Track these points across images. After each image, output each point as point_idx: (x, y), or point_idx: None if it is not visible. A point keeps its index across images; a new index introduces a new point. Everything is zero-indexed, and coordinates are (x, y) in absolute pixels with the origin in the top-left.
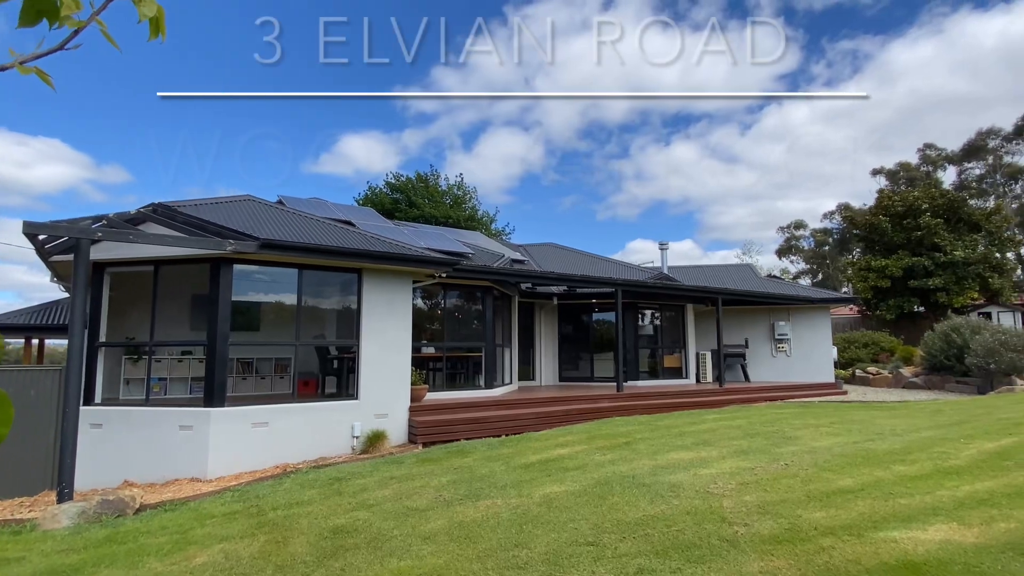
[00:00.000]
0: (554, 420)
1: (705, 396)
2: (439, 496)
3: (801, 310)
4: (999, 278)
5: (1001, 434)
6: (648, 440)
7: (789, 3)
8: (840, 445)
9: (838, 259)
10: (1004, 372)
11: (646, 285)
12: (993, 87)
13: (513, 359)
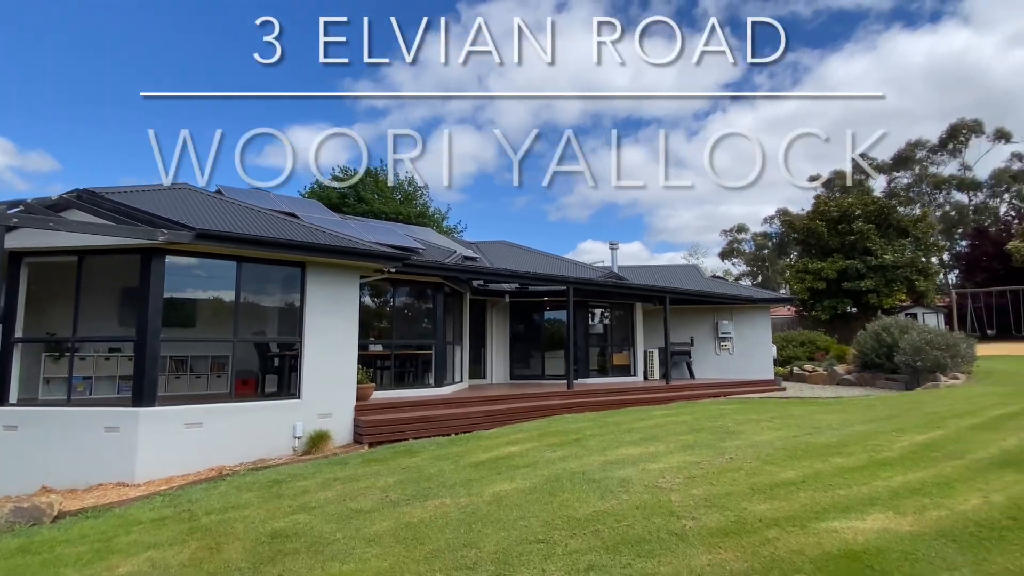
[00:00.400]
0: (505, 418)
1: (653, 393)
2: (385, 497)
3: (743, 310)
4: (925, 281)
5: (929, 427)
6: (598, 436)
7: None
8: (781, 439)
9: (777, 262)
10: (930, 369)
11: (597, 283)
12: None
13: (464, 357)
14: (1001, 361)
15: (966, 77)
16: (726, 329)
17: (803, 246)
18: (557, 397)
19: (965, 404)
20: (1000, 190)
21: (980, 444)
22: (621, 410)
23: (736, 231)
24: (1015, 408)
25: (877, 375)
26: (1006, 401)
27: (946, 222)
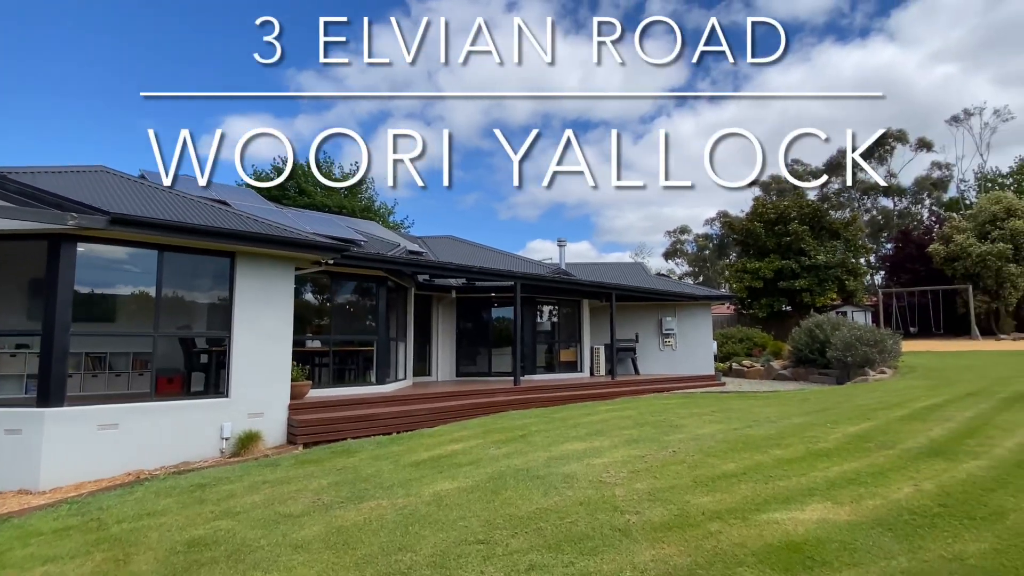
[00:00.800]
0: (449, 415)
1: (599, 388)
2: (317, 500)
3: (686, 307)
4: (854, 281)
5: (861, 419)
6: (543, 432)
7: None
8: (722, 432)
9: (717, 262)
10: (859, 364)
11: (545, 279)
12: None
13: (408, 354)
14: (923, 357)
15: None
16: (670, 326)
17: (742, 246)
18: (503, 394)
19: (893, 397)
20: (922, 196)
21: (909, 434)
22: (568, 406)
23: (679, 232)
24: (938, 400)
25: (811, 370)
26: (930, 394)
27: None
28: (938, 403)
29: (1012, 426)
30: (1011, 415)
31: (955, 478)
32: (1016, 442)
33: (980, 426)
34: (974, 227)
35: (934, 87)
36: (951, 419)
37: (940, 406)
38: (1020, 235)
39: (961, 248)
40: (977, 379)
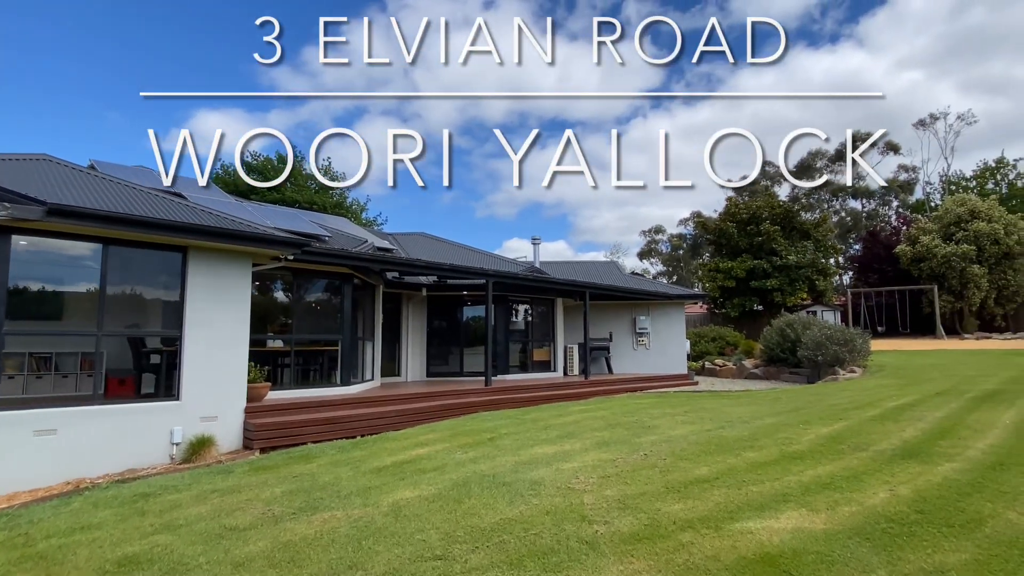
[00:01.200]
0: (417, 418)
1: (572, 388)
2: (267, 511)
3: (660, 306)
4: (824, 280)
5: (833, 419)
6: (513, 435)
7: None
8: (695, 433)
9: (691, 262)
10: (829, 363)
11: (518, 277)
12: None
13: (376, 354)
14: (891, 356)
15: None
16: (643, 325)
17: (715, 246)
18: (474, 395)
19: (863, 396)
20: (889, 198)
21: (882, 435)
22: (540, 407)
23: (654, 232)
24: (908, 400)
25: (782, 369)
26: (900, 393)
27: (841, 227)
28: (909, 403)
29: (983, 426)
30: (981, 415)
31: (931, 482)
32: (988, 443)
33: (952, 427)
34: (939, 229)
35: (900, 93)
36: (922, 419)
37: (911, 406)
38: (983, 237)
39: (927, 249)
40: (944, 378)
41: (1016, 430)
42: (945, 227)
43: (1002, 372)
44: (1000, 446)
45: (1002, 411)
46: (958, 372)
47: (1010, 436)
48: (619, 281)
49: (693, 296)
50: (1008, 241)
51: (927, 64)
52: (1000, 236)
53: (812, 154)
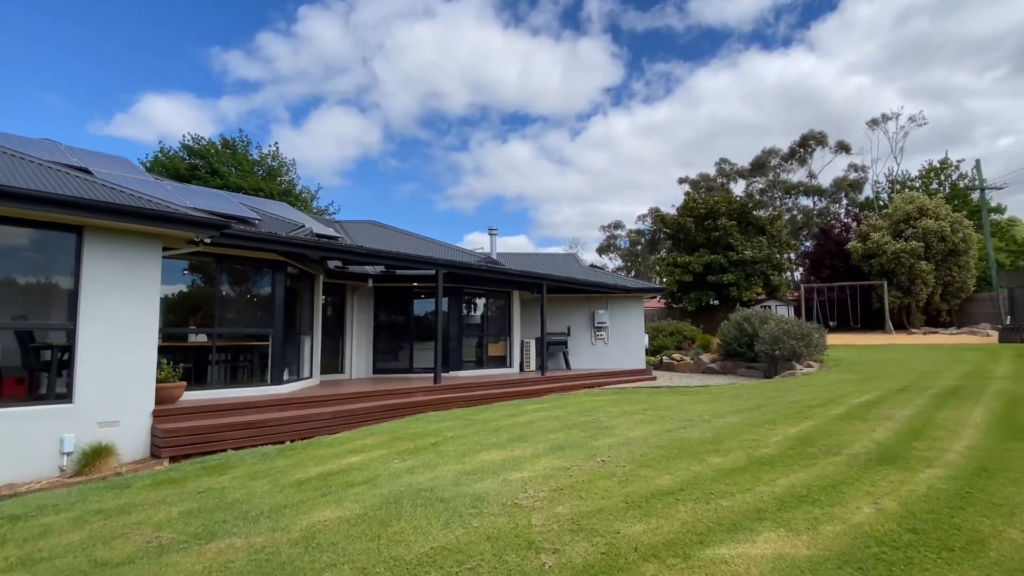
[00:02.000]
0: (357, 419)
1: (528, 385)
2: (154, 539)
3: (618, 299)
4: (778, 276)
5: (798, 418)
6: (460, 439)
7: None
8: (655, 435)
9: (649, 257)
10: (787, 358)
11: (471, 267)
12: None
13: (315, 349)
14: (845, 350)
15: (809, 98)
16: (602, 319)
17: (673, 241)
18: (422, 393)
19: (824, 392)
20: (839, 196)
21: (852, 436)
22: (492, 405)
23: (613, 227)
24: (872, 396)
25: (739, 363)
26: (861, 389)
27: (794, 224)
28: (873, 400)
29: (954, 425)
30: (949, 412)
31: (916, 493)
32: (964, 445)
33: (923, 426)
34: (889, 226)
35: (848, 97)
36: (891, 418)
37: (876, 403)
38: (931, 234)
39: (877, 245)
40: (902, 373)
41: (989, 429)
42: (895, 224)
43: (957, 367)
44: (978, 448)
45: (969, 408)
46: (913, 367)
47: (986, 437)
48: (578, 273)
49: (652, 290)
50: (954, 238)
51: (874, 70)
52: (947, 234)
53: (766, 152)
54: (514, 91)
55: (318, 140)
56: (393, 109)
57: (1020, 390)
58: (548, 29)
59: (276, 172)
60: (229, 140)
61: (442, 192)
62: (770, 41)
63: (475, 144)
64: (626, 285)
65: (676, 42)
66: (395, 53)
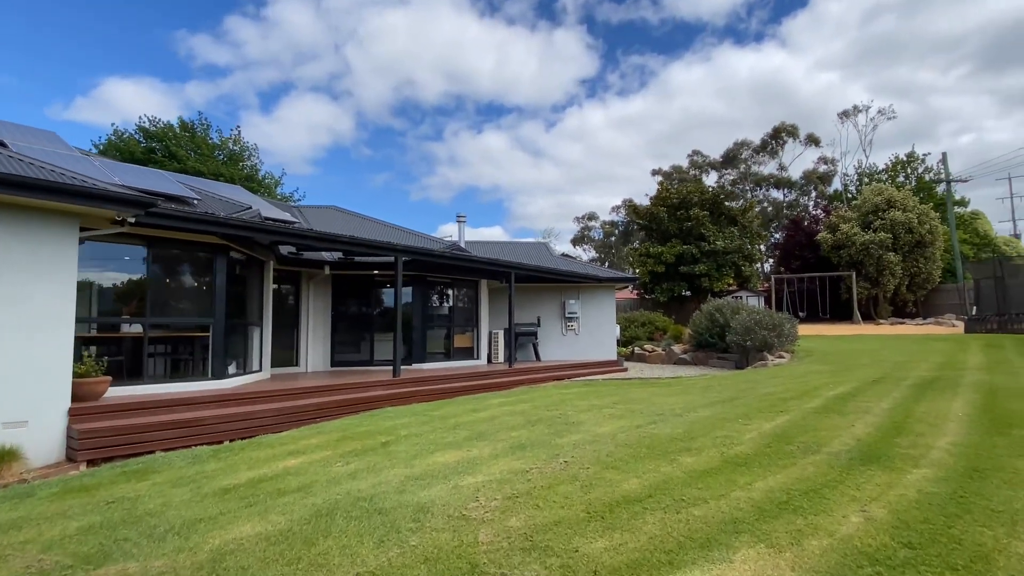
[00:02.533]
0: (307, 416)
1: (494, 378)
2: (37, 562)
3: (590, 289)
4: (750, 266)
5: (773, 411)
6: (414, 438)
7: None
8: (623, 431)
9: (622, 249)
10: (758, 348)
11: (432, 254)
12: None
13: (265, 341)
14: (815, 341)
15: (780, 93)
16: (573, 309)
17: (646, 231)
18: (380, 387)
19: (798, 384)
20: (808, 188)
21: (831, 432)
22: (455, 400)
23: (587, 219)
24: (847, 388)
25: (710, 354)
26: (834, 380)
27: (764, 216)
28: (848, 392)
29: (935, 419)
30: (928, 405)
31: (906, 498)
32: (949, 440)
33: (903, 420)
34: (858, 217)
35: (818, 92)
36: (870, 411)
37: (852, 395)
38: (899, 226)
39: (846, 237)
40: (875, 364)
41: (972, 423)
42: (864, 216)
43: (929, 357)
44: (965, 444)
45: (948, 400)
46: (885, 357)
47: (970, 431)
48: (548, 262)
49: (623, 279)
50: (921, 230)
51: (842, 66)
52: (914, 225)
53: (738, 144)
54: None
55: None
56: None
57: (996, 381)
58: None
59: (238, 157)
60: (188, 123)
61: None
62: (742, 36)
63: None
64: (597, 275)
65: (650, 35)
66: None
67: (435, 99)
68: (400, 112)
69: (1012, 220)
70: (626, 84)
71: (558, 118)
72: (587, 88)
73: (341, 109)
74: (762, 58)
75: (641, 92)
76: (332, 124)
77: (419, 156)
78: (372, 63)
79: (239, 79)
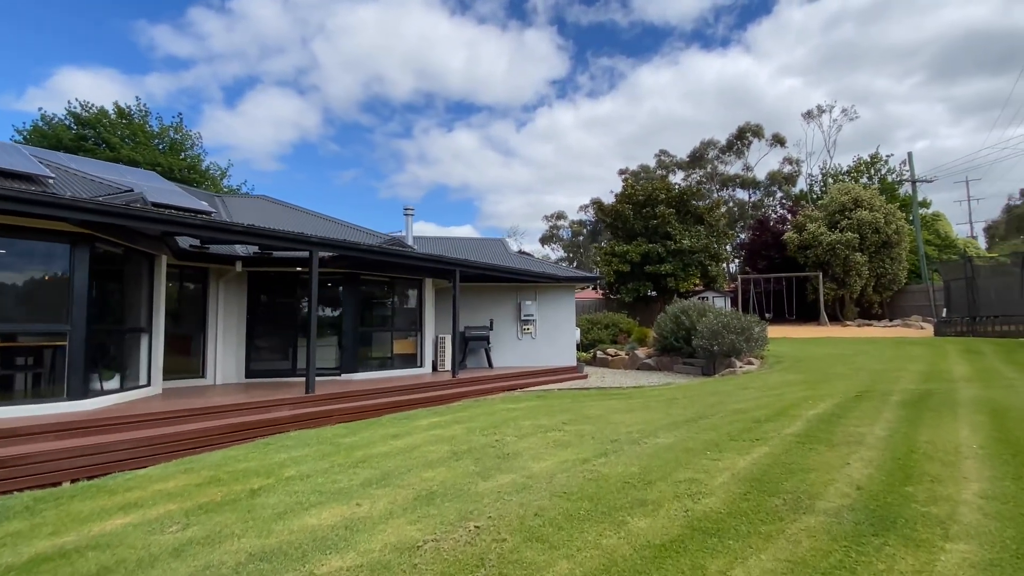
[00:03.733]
0: (184, 447)
1: (435, 389)
2: None
3: (548, 289)
4: (716, 266)
5: (747, 438)
6: (299, 481)
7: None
8: (566, 468)
9: (591, 248)
10: (726, 354)
11: (358, 248)
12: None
13: (155, 350)
14: (784, 344)
15: (745, 97)
16: (529, 311)
17: (611, 229)
18: (288, 406)
19: (772, 398)
20: (773, 189)
21: (822, 474)
22: (381, 419)
23: (556, 218)
24: (827, 406)
25: (676, 359)
26: (812, 394)
27: (730, 217)
28: (831, 411)
29: (945, 454)
30: (930, 432)
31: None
32: (976, 491)
33: (907, 456)
34: (825, 217)
35: (781, 97)
36: (863, 441)
37: (837, 416)
38: (866, 225)
39: (813, 236)
40: (852, 372)
41: (992, 461)
42: (831, 215)
43: (909, 365)
44: (999, 497)
45: (951, 425)
46: (862, 364)
47: (996, 474)
48: (502, 260)
49: (583, 279)
50: (888, 230)
51: (804, 72)
52: (881, 225)
53: (704, 143)
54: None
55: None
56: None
57: (995, 397)
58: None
59: (179, 146)
60: (125, 109)
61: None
62: (710, 41)
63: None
64: (555, 274)
65: (620, 37)
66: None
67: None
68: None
69: (969, 223)
70: (596, 85)
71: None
72: (557, 89)
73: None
74: (728, 63)
75: (611, 94)
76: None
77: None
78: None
79: (202, 72)
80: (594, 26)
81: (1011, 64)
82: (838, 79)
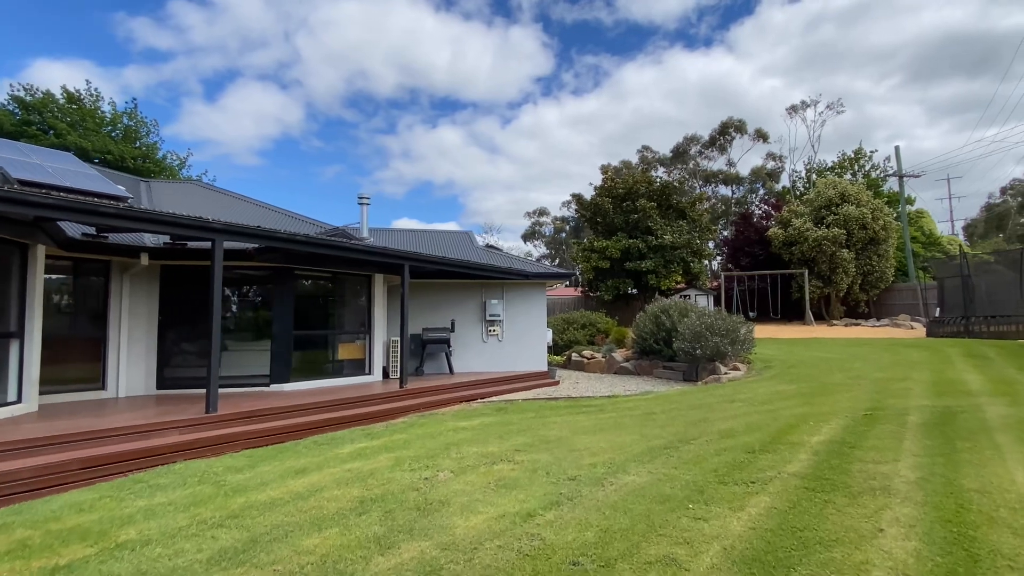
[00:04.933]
0: (19, 487)
1: (378, 403)
2: None
3: (516, 287)
4: (699, 263)
5: (740, 481)
6: (126, 551)
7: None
8: (500, 530)
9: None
10: (709, 357)
11: (278, 237)
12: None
13: (28, 358)
14: (771, 346)
15: (727, 97)
16: (495, 311)
17: (591, 224)
18: (178, 430)
19: (765, 416)
20: (757, 185)
21: (850, 550)
22: (300, 443)
23: (538, 214)
24: (833, 428)
25: (656, 362)
26: (812, 411)
27: (713, 213)
28: (840, 436)
29: (1012, 513)
30: (977, 473)
31: None
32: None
33: (957, 514)
34: (811, 212)
35: (763, 96)
36: (891, 489)
37: (849, 445)
38: (852, 221)
39: (799, 232)
40: (852, 382)
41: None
42: (816, 210)
43: (912, 372)
44: None
45: (997, 461)
46: (860, 371)
47: None
48: (464, 254)
49: (556, 275)
50: (875, 226)
51: (785, 72)
52: (868, 221)
53: (687, 139)
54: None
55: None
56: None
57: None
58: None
59: (133, 133)
60: (74, 93)
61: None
62: (693, 40)
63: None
64: (523, 270)
65: (604, 36)
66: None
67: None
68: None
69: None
70: (580, 83)
71: (514, 115)
72: (542, 86)
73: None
74: (711, 62)
75: (595, 92)
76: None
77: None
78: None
79: (181, 65)
80: (579, 24)
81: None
82: (817, 79)
